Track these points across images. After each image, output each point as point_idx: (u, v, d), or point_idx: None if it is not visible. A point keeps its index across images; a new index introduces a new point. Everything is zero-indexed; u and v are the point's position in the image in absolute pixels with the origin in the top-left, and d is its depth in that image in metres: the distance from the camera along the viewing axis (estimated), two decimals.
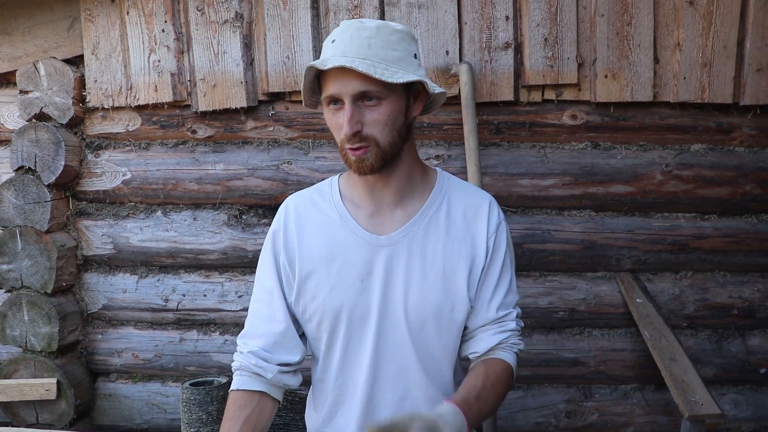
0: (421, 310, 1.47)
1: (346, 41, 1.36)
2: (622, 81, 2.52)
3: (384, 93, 1.36)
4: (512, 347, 1.57)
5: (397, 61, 1.38)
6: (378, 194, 1.51)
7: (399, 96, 1.40)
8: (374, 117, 1.37)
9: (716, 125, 2.59)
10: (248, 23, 2.62)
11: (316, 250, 1.52)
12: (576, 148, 2.63)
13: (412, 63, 1.41)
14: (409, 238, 1.48)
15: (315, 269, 1.51)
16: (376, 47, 1.36)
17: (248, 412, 1.50)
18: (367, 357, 1.49)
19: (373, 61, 1.34)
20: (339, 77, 1.35)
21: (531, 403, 2.71)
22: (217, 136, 2.73)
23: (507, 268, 1.55)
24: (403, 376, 1.51)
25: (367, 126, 1.37)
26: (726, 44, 2.48)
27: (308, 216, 1.55)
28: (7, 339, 2.72)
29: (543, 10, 2.51)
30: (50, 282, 2.67)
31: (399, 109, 1.40)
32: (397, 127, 1.41)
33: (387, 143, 1.39)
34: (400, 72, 1.36)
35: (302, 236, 1.54)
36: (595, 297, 2.66)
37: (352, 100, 1.35)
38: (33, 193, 2.68)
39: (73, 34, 2.73)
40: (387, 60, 1.36)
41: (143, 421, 2.86)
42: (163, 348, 2.82)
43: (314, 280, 1.51)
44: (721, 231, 2.63)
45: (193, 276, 2.80)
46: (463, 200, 1.55)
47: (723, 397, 2.67)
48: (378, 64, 1.34)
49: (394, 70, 1.35)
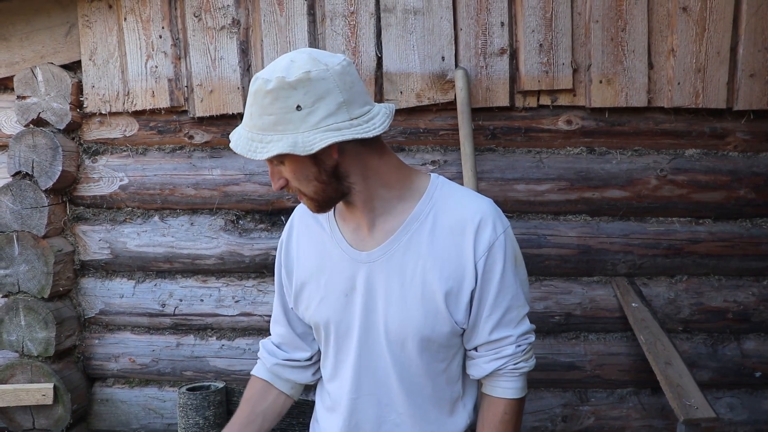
0: (400, 329, 1.43)
1: (248, 111, 1.32)
2: (617, 86, 2.54)
3: (282, 157, 1.31)
4: (514, 372, 1.48)
5: (272, 126, 1.27)
6: (352, 214, 1.48)
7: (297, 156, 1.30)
8: (288, 175, 1.36)
9: (710, 130, 2.60)
10: (245, 29, 2.64)
11: (309, 261, 1.53)
12: (571, 153, 2.64)
13: (292, 121, 1.26)
14: (389, 255, 1.43)
15: (308, 280, 1.53)
16: (255, 116, 1.29)
17: (249, 396, 1.64)
18: (350, 370, 1.50)
19: (253, 133, 1.29)
20: None
21: (527, 407, 2.70)
22: (214, 142, 2.74)
23: (507, 287, 1.43)
24: (385, 391, 1.50)
25: (290, 181, 1.37)
26: (719, 50, 2.50)
27: (307, 227, 1.57)
28: (4, 344, 2.72)
29: (538, 17, 2.53)
30: (47, 287, 2.67)
31: (302, 165, 1.33)
32: (312, 178, 1.35)
33: (312, 192, 1.37)
34: (273, 141, 1.27)
35: (300, 247, 1.57)
36: (591, 301, 2.67)
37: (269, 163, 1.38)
38: (30, 198, 2.68)
39: (71, 39, 2.74)
40: (264, 128, 1.28)
41: (140, 426, 2.86)
42: (160, 353, 2.82)
43: (307, 291, 1.54)
44: (715, 235, 2.64)
45: (190, 281, 2.80)
46: (452, 214, 1.42)
47: (718, 401, 2.68)
48: (255, 137, 1.29)
49: (269, 138, 1.27)
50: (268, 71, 1.29)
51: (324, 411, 1.62)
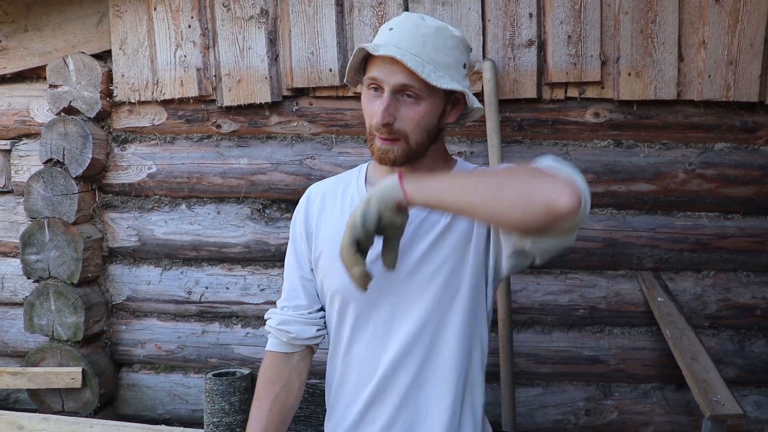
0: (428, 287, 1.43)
1: (403, 33, 1.36)
2: (646, 79, 2.51)
3: (424, 93, 1.35)
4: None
5: (446, 67, 1.36)
6: None
7: (438, 100, 1.39)
8: (409, 114, 1.36)
9: (741, 124, 2.57)
10: (273, 19, 2.65)
11: (332, 229, 1.51)
12: (598, 146, 2.62)
13: (459, 72, 1.40)
14: (421, 220, 1.45)
15: (330, 246, 1.50)
16: (430, 47, 1.35)
17: (277, 390, 1.56)
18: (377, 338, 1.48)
19: (423, 60, 1.33)
20: (386, 65, 1.35)
21: (550, 400, 2.71)
22: (241, 131, 2.76)
23: None
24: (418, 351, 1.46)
25: (399, 120, 1.36)
26: (752, 42, 2.46)
27: (329, 199, 1.57)
28: (35, 328, 2.78)
29: (567, 8, 2.51)
30: (77, 273, 2.72)
31: (434, 113, 1.40)
32: (429, 128, 1.40)
33: (415, 142, 1.40)
34: (446, 78, 1.35)
35: (322, 218, 1.56)
36: (616, 295, 2.65)
37: (392, 91, 1.35)
38: (61, 185, 2.73)
39: (102, 29, 2.78)
40: (437, 62, 1.35)
41: (165, 411, 2.91)
42: (185, 340, 2.86)
43: (327, 257, 1.52)
44: (744, 231, 2.61)
45: (216, 269, 2.83)
46: None
47: (745, 399, 2.65)
48: (427, 64, 1.33)
49: (441, 74, 1.34)
50: (439, 21, 1.40)
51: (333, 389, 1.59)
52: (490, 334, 2.61)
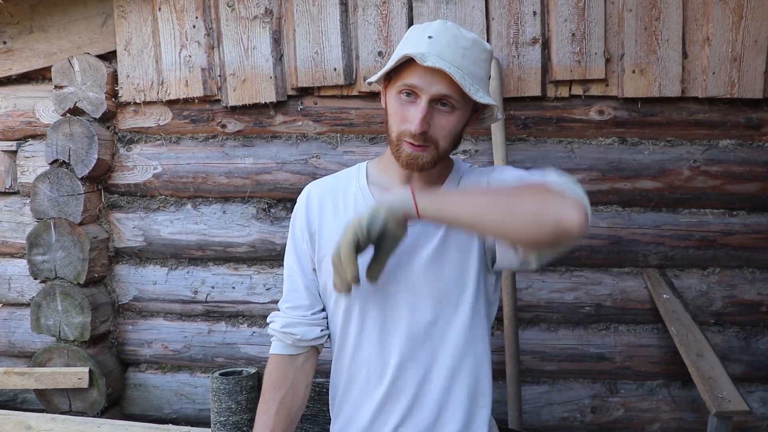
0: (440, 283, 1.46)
1: (443, 43, 1.38)
2: (650, 76, 2.51)
3: (459, 104, 1.39)
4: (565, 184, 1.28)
5: (480, 80, 1.40)
6: (405, 182, 1.51)
7: (466, 110, 1.43)
8: (443, 123, 1.39)
9: (746, 120, 2.57)
10: (277, 19, 2.66)
11: (335, 230, 1.50)
12: (603, 144, 2.62)
13: (487, 84, 1.45)
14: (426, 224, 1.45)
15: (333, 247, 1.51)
16: (469, 60, 1.38)
17: (283, 393, 1.56)
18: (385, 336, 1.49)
19: (463, 73, 1.35)
20: (426, 74, 1.36)
21: (556, 397, 2.71)
22: (246, 131, 2.77)
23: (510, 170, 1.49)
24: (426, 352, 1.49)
25: (433, 128, 1.38)
26: (756, 39, 2.46)
27: (329, 199, 1.57)
28: (42, 328, 2.79)
29: (571, 6, 2.51)
30: (83, 273, 2.73)
31: (463, 122, 1.43)
32: (456, 137, 1.44)
33: (444, 149, 1.42)
34: (481, 92, 1.38)
35: (323, 217, 1.56)
36: (622, 292, 2.65)
37: (429, 99, 1.37)
38: (67, 186, 2.74)
39: (107, 30, 2.79)
40: (473, 76, 1.38)
41: (172, 410, 2.91)
42: (192, 339, 2.87)
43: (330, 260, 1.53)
44: (749, 227, 2.61)
45: (222, 268, 2.84)
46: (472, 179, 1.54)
47: (751, 395, 2.65)
48: (467, 77, 1.36)
49: (477, 87, 1.37)
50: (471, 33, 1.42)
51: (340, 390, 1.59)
52: (496, 332, 2.63)
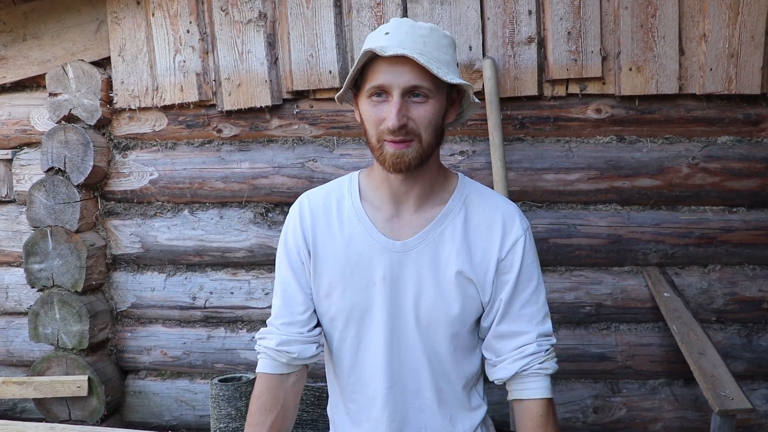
0: (433, 314, 1.47)
1: (401, 35, 1.36)
2: (647, 74, 2.50)
3: (432, 92, 1.37)
4: (539, 372, 1.48)
5: (447, 64, 1.39)
6: (400, 198, 1.50)
7: (442, 98, 1.41)
8: (420, 114, 1.37)
9: (744, 117, 2.56)
10: (272, 22, 2.65)
11: (331, 249, 1.51)
12: (601, 142, 2.61)
13: (455, 70, 1.43)
14: (425, 243, 1.48)
15: (329, 268, 1.51)
16: (431, 46, 1.37)
17: (274, 417, 1.52)
18: (381, 359, 1.50)
19: (428, 58, 1.34)
20: (391, 68, 1.34)
21: (558, 398, 2.69)
22: (242, 135, 2.76)
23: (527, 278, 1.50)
24: (413, 378, 1.52)
25: (412, 121, 1.36)
26: (753, 34, 2.45)
27: (324, 214, 1.54)
28: (40, 337, 2.77)
29: (566, 4, 2.50)
30: (80, 281, 2.72)
31: (440, 111, 1.41)
32: (437, 128, 1.41)
33: (427, 142, 1.40)
34: (450, 74, 1.37)
35: (317, 233, 1.53)
36: (622, 291, 2.64)
37: (401, 93, 1.35)
38: (63, 194, 2.72)
39: (100, 36, 2.78)
40: (439, 60, 1.36)
41: (172, 417, 2.90)
42: (191, 345, 2.86)
43: (327, 279, 1.52)
44: (749, 224, 2.59)
45: (220, 274, 2.83)
46: (483, 211, 1.51)
47: (754, 393, 2.64)
48: (433, 62, 1.34)
49: (445, 71, 1.36)
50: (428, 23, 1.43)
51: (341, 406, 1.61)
52: None
